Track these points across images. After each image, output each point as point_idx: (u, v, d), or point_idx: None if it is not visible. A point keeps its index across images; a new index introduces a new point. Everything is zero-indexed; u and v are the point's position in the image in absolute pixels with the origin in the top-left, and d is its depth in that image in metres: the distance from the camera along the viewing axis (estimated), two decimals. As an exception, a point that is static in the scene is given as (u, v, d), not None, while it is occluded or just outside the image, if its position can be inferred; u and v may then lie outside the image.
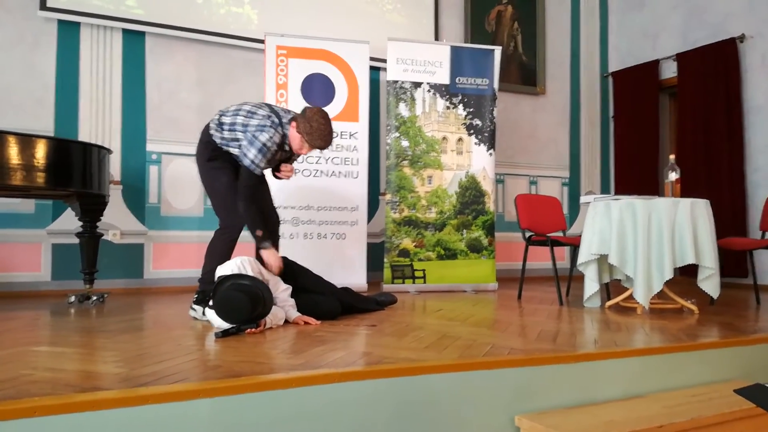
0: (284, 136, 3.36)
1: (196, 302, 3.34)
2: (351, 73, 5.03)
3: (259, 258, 3.30)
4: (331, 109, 4.90)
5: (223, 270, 3.02)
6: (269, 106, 3.47)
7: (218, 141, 3.41)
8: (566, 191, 6.93)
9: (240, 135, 3.34)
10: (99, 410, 1.63)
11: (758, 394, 1.38)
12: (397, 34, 5.66)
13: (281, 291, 3.15)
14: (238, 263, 3.00)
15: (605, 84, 7.24)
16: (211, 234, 3.46)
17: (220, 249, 3.42)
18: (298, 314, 3.12)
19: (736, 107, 5.77)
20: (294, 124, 3.33)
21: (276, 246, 3.52)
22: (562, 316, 3.50)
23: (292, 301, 3.18)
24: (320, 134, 3.26)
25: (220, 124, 3.40)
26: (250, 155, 3.25)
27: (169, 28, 5.06)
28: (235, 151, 3.38)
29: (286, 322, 3.09)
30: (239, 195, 3.30)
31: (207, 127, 3.48)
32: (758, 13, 5.68)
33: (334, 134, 3.51)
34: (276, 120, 3.33)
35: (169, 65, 5.13)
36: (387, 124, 5.15)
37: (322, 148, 3.34)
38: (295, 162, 3.89)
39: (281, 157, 3.49)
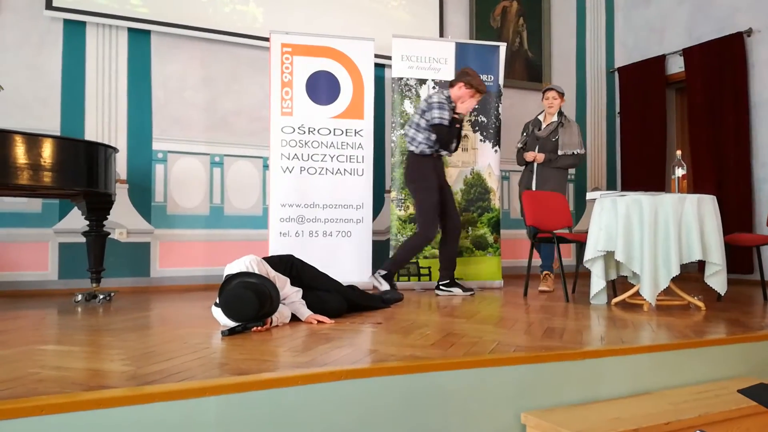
0: (449, 101, 4.33)
1: (384, 276, 4.20)
2: (356, 71, 5.03)
3: (272, 258, 3.35)
4: (336, 107, 4.91)
5: (230, 269, 3.01)
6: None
7: (416, 150, 4.38)
8: (572, 187, 6.90)
9: (414, 128, 4.39)
10: (106, 408, 1.64)
11: (762, 393, 1.38)
12: (402, 30, 5.64)
13: (291, 291, 3.14)
14: (246, 262, 2.98)
15: (611, 80, 7.21)
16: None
17: (411, 246, 4.38)
18: (310, 313, 3.09)
19: (743, 102, 5.73)
20: (458, 85, 4.31)
21: (456, 243, 4.56)
22: (569, 313, 3.49)
23: (303, 300, 3.16)
24: (481, 80, 4.38)
25: (412, 139, 4.38)
26: (435, 114, 4.25)
27: (174, 26, 5.07)
28: (420, 137, 4.34)
29: (296, 320, 3.09)
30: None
31: (407, 150, 4.49)
32: (765, 7, 5.63)
33: (340, 132, 4.15)
34: (441, 95, 4.36)
35: (175, 64, 5.14)
36: (392, 121, 5.14)
37: (486, 91, 4.49)
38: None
39: (456, 124, 4.38)
